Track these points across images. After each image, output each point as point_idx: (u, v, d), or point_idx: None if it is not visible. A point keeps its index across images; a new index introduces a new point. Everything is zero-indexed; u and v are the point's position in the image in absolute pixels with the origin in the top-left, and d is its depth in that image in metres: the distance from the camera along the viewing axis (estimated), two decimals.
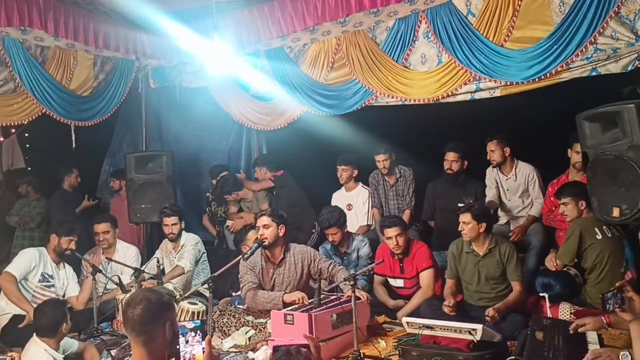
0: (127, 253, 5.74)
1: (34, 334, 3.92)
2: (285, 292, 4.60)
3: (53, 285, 5.15)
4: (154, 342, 2.48)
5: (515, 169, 5.42)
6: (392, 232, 4.92)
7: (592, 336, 3.41)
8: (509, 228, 5.42)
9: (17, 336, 4.54)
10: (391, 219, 5.10)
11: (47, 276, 5.14)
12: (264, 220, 4.72)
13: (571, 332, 3.29)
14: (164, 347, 2.52)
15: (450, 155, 5.56)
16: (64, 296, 5.19)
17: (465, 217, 4.56)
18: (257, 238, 4.76)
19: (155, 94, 7.33)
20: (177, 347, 2.65)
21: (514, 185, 5.41)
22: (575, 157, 4.99)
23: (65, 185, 7.33)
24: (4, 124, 6.11)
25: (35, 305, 4.52)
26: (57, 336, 3.89)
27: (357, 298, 3.99)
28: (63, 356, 3.99)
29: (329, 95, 5.92)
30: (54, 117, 5.91)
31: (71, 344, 4.12)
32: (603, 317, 3.30)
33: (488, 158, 5.45)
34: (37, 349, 3.86)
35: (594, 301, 4.30)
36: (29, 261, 5.05)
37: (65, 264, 5.33)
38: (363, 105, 5.69)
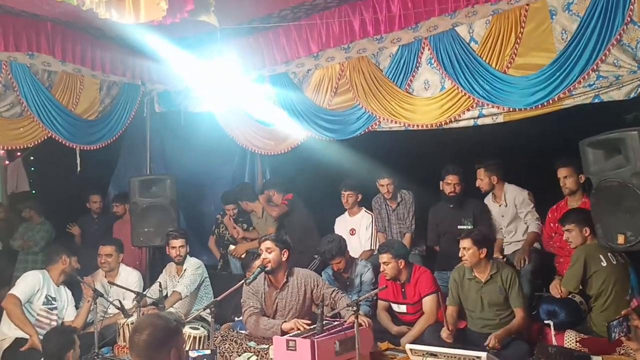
0: (129, 277, 5.72)
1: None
2: (284, 321, 4.56)
3: (56, 308, 5.14)
4: None
5: (505, 194, 5.42)
6: (383, 258, 4.91)
7: None
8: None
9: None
10: (384, 246, 5.08)
11: (50, 299, 5.13)
12: (267, 244, 4.71)
13: None
14: None
15: (452, 178, 5.55)
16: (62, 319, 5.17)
17: (465, 243, 4.54)
18: (260, 263, 4.76)
19: (160, 118, 7.38)
20: None
21: (505, 211, 5.41)
22: (562, 181, 4.98)
23: (91, 211, 7.40)
24: (10, 148, 6.16)
25: (38, 329, 4.53)
26: None
27: (360, 324, 3.96)
28: None
29: (332, 120, 5.96)
30: (60, 140, 5.95)
31: None
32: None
33: (477, 185, 5.46)
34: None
35: (600, 329, 4.25)
36: (33, 284, 5.04)
37: (65, 287, 5.31)
38: (366, 130, 5.71)
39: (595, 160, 4.27)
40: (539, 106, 4.59)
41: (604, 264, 4.37)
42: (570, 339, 4.27)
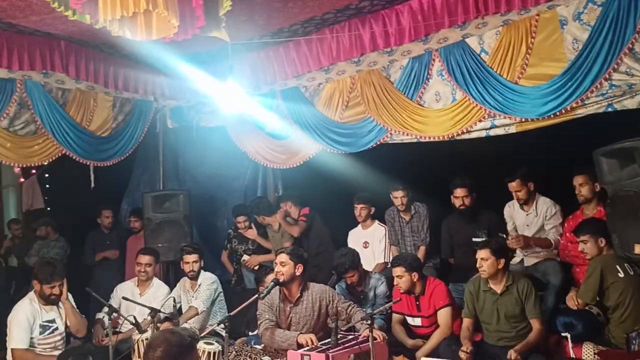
0: (159, 290, 5.73)
1: None
2: (301, 333, 4.55)
3: (57, 328, 4.95)
4: None
5: (536, 203, 5.35)
6: (396, 271, 4.89)
7: None
8: (522, 266, 5.33)
9: None
10: (397, 259, 5.06)
11: (45, 324, 4.91)
12: (282, 257, 4.71)
13: None
14: None
15: (460, 192, 5.51)
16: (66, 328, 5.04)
17: (483, 254, 4.50)
18: (274, 277, 4.75)
19: (172, 133, 7.44)
20: None
21: (533, 221, 5.34)
22: (577, 189, 4.91)
23: (101, 226, 7.39)
24: (24, 165, 6.22)
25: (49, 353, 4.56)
26: None
27: (374, 338, 3.93)
28: None
29: (344, 133, 5.97)
30: (74, 157, 6.01)
31: None
32: None
33: (516, 198, 5.35)
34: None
35: (618, 341, 4.19)
36: (25, 324, 4.78)
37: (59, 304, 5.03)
38: (378, 143, 5.72)
39: (610, 170, 4.24)
40: (552, 116, 4.58)
41: (621, 274, 4.31)
42: (588, 352, 4.21)
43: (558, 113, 4.53)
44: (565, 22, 4.47)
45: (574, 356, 4.07)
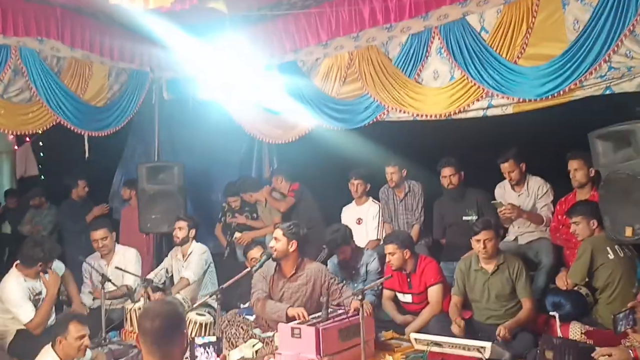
0: (126, 255, 5.74)
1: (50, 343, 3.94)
2: (291, 306, 4.58)
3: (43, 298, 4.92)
4: (172, 354, 2.50)
5: (528, 183, 5.38)
6: (388, 248, 4.92)
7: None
8: (517, 244, 5.37)
9: (23, 349, 4.53)
10: (389, 236, 5.09)
11: (37, 298, 4.89)
12: (277, 233, 4.73)
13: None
14: (180, 358, 2.55)
15: (447, 171, 5.54)
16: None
17: (487, 234, 4.49)
18: (263, 251, 4.78)
19: (168, 105, 7.38)
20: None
21: (524, 201, 5.36)
22: (572, 173, 4.93)
23: (74, 195, 7.38)
24: (19, 133, 6.17)
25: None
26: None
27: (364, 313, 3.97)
28: None
29: (340, 109, 5.94)
30: (68, 126, 5.96)
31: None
32: (630, 351, 3.25)
33: (508, 179, 5.37)
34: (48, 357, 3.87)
35: (605, 321, 4.23)
36: (25, 296, 4.77)
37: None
38: (374, 120, 5.69)
39: (605, 153, 4.25)
40: (550, 97, 4.54)
41: (611, 256, 4.35)
42: (576, 331, 4.26)
43: (556, 94, 4.50)
44: (567, 2, 4.41)
45: (561, 335, 4.12)
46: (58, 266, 5.20)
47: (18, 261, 4.91)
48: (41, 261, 4.79)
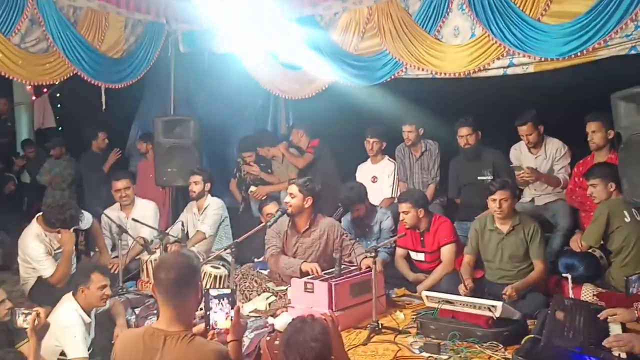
0: (145, 208, 5.82)
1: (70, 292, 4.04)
2: (305, 261, 4.63)
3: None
4: (186, 304, 2.55)
5: (545, 146, 5.31)
6: (402, 207, 4.92)
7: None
8: (533, 205, 5.35)
9: (44, 296, 4.62)
10: (404, 195, 5.08)
11: (57, 252, 4.94)
12: (292, 189, 4.74)
13: (600, 319, 3.25)
14: (193, 310, 2.61)
15: (464, 130, 5.50)
16: None
17: (503, 194, 4.46)
18: (279, 207, 4.80)
19: (184, 58, 7.32)
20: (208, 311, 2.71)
21: (542, 163, 5.31)
22: (590, 135, 4.87)
23: (94, 147, 7.48)
24: (36, 83, 6.18)
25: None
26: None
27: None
28: (93, 318, 4.11)
29: (358, 65, 5.84)
30: (85, 78, 5.96)
31: None
32: (636, 311, 3.25)
33: (525, 142, 5.31)
34: (68, 308, 3.97)
35: (618, 284, 4.24)
36: (44, 252, 4.82)
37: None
38: (392, 77, 5.61)
39: (627, 114, 4.14)
40: (572, 56, 4.43)
41: (628, 219, 4.32)
42: (588, 293, 4.27)
43: (579, 53, 4.39)
44: None
45: (573, 296, 4.14)
46: (87, 218, 5.30)
47: (40, 214, 4.98)
48: (62, 226, 4.85)
